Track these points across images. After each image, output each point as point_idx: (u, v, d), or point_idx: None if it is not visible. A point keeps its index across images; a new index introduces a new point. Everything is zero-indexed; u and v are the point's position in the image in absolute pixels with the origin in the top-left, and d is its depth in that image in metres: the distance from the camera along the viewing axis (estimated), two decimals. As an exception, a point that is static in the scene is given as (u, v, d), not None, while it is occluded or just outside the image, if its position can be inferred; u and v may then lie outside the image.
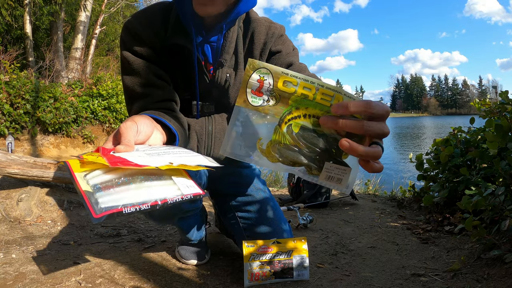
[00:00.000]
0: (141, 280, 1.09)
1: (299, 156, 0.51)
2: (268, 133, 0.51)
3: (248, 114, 0.51)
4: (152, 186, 0.49)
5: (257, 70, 0.49)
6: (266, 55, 1.02)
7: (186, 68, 1.00)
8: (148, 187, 0.49)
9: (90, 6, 8.21)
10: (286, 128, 0.51)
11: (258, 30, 1.01)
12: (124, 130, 0.60)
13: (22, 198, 1.75)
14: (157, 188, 0.49)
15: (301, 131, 0.51)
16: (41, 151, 4.58)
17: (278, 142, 0.51)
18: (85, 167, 0.50)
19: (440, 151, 2.00)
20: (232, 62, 1.02)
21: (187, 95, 1.05)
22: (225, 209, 1.26)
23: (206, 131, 1.04)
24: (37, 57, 8.14)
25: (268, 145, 0.52)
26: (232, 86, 1.05)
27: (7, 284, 1.03)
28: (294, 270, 1.11)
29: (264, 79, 0.49)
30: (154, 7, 0.98)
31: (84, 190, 0.46)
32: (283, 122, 0.51)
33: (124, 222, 1.76)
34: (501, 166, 1.28)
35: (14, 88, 4.35)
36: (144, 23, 0.95)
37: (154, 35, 0.94)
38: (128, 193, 0.47)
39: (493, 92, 23.76)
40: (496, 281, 1.04)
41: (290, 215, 1.97)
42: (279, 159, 0.52)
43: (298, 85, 0.49)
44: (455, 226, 1.62)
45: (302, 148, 0.51)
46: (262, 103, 0.51)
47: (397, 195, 2.82)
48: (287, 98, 0.50)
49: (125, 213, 0.45)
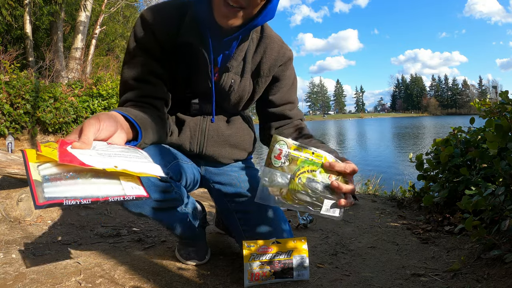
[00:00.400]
0: (141, 280, 1.09)
1: (307, 197, 0.76)
2: (286, 183, 0.77)
3: (272, 172, 0.77)
4: (98, 183, 0.54)
5: (277, 142, 0.77)
6: (273, 72, 1.11)
7: (191, 67, 1.04)
8: (94, 183, 0.54)
9: (90, 6, 8.22)
10: (298, 180, 0.75)
11: (271, 47, 1.08)
12: (86, 127, 0.63)
13: (22, 198, 1.75)
14: (102, 186, 0.55)
15: (307, 181, 0.76)
16: (41, 151, 4.58)
17: (294, 189, 0.76)
18: (40, 158, 0.54)
19: (440, 151, 2.00)
20: (239, 69, 1.08)
21: (188, 93, 1.10)
22: (224, 209, 1.25)
23: (200, 128, 1.12)
24: (37, 57, 8.14)
25: (287, 192, 0.77)
26: (235, 91, 1.09)
27: (7, 284, 1.03)
28: (294, 270, 1.11)
29: (282, 149, 0.77)
30: (172, 5, 1.02)
31: (34, 179, 0.50)
32: (295, 176, 0.76)
33: (124, 222, 1.76)
34: (501, 166, 1.28)
35: (14, 88, 4.35)
36: (161, 20, 0.99)
37: (166, 33, 0.99)
38: (74, 187, 0.52)
39: (493, 92, 23.76)
40: (496, 281, 1.04)
41: (290, 215, 1.97)
42: (294, 200, 0.77)
43: (302, 151, 0.77)
44: (455, 226, 1.62)
45: (308, 191, 0.75)
46: (281, 164, 0.77)
47: (397, 195, 2.82)
48: (296, 160, 0.77)
49: (65, 204, 0.50)
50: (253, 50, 1.08)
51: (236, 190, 1.21)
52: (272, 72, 1.11)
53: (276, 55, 1.08)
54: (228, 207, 1.23)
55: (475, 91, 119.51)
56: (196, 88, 1.08)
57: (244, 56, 1.06)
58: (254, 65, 1.09)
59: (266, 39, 1.08)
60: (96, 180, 0.54)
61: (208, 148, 1.15)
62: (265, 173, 0.77)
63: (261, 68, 1.09)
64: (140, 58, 0.99)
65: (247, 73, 1.08)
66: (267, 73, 1.10)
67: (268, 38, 1.08)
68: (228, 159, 1.21)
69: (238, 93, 1.10)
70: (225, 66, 1.05)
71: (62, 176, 0.52)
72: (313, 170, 0.76)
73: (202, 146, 1.14)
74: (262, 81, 1.11)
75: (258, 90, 1.13)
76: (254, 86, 1.12)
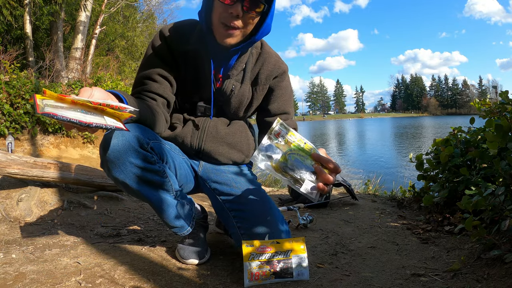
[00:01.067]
0: (141, 280, 1.10)
1: (292, 172, 0.88)
2: (278, 157, 0.89)
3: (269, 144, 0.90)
4: (86, 115, 0.74)
5: (280, 124, 0.90)
6: (270, 82, 1.28)
7: (198, 72, 1.21)
8: (83, 114, 0.74)
9: (90, 6, 8.22)
10: (288, 156, 0.88)
11: (268, 60, 1.27)
12: (81, 91, 0.81)
13: (22, 198, 1.75)
14: (89, 116, 0.75)
15: (295, 161, 0.88)
16: (41, 151, 4.58)
17: (282, 162, 0.89)
18: (44, 96, 0.72)
19: (440, 151, 2.00)
20: (239, 77, 1.25)
21: (196, 98, 1.26)
22: (220, 208, 1.27)
23: (201, 125, 1.26)
24: (37, 57, 8.14)
25: (276, 163, 0.89)
26: (235, 95, 1.25)
27: (7, 284, 1.03)
28: (294, 270, 1.11)
29: (282, 130, 0.90)
30: (187, 23, 1.23)
31: (39, 104, 0.69)
32: (286, 154, 0.89)
33: (124, 222, 1.76)
34: (501, 166, 1.28)
35: (14, 88, 4.35)
36: (175, 32, 1.20)
37: (178, 43, 1.19)
38: (66, 112, 0.72)
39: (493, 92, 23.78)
40: (496, 281, 1.04)
41: (290, 215, 1.97)
42: (282, 171, 0.89)
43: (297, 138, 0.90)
44: (455, 226, 1.62)
45: (294, 168, 0.88)
46: (278, 142, 0.90)
47: (397, 195, 2.82)
48: (291, 143, 0.90)
49: (57, 118, 0.69)
50: (253, 63, 1.26)
51: (231, 189, 1.24)
52: (269, 82, 1.27)
53: (272, 67, 1.26)
54: (224, 207, 1.24)
55: (475, 91, 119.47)
56: (201, 92, 1.24)
57: (244, 67, 1.24)
58: (253, 75, 1.26)
59: (264, 54, 1.27)
60: (85, 113, 0.74)
61: (207, 144, 1.26)
62: (264, 142, 0.90)
63: (259, 77, 1.26)
64: (152, 61, 1.19)
65: (246, 81, 1.25)
66: (264, 82, 1.27)
67: (266, 53, 1.27)
68: (226, 158, 1.29)
69: (238, 97, 1.25)
70: (226, 74, 1.23)
71: (58, 106, 0.72)
72: (302, 155, 0.89)
73: (201, 140, 1.26)
74: (259, 88, 1.27)
75: (256, 97, 1.28)
76: (253, 92, 1.28)
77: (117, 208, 1.94)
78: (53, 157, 4.46)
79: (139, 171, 1.06)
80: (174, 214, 1.17)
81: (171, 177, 1.15)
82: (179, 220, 1.20)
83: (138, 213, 1.94)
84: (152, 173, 1.08)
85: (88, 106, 0.75)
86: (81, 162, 3.63)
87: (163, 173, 1.11)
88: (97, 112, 0.76)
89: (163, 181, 1.12)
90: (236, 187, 1.25)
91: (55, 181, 1.90)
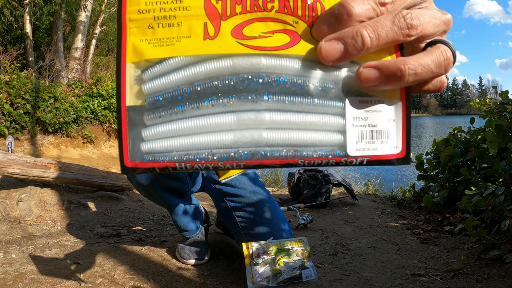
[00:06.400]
0: (141, 280, 1.09)
1: (289, 272, 1.05)
2: (270, 270, 1.06)
3: (258, 267, 1.04)
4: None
5: (252, 247, 1.05)
6: None
7: None
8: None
9: (90, 6, 8.21)
10: (278, 265, 1.07)
11: None
12: None
13: (22, 198, 1.75)
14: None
15: (285, 265, 1.07)
16: (41, 151, 4.58)
17: (278, 270, 1.03)
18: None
19: (440, 151, 2.00)
20: None
21: None
22: (224, 208, 1.27)
23: None
24: (37, 57, 8.14)
25: (272, 273, 1.03)
26: None
27: (7, 284, 1.03)
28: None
29: (259, 249, 1.06)
30: None
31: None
32: (275, 263, 1.06)
33: (124, 222, 1.76)
34: (501, 166, 1.28)
35: (14, 88, 4.35)
36: None
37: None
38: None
39: (493, 92, 23.78)
40: (496, 281, 1.04)
41: (290, 215, 1.97)
42: (279, 277, 1.03)
43: (272, 246, 1.08)
44: (455, 226, 1.62)
45: (288, 270, 1.05)
46: (262, 260, 1.05)
47: (397, 195, 2.82)
48: (271, 253, 1.06)
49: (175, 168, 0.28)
50: None
51: (236, 190, 1.24)
52: None
53: None
54: (228, 206, 1.24)
55: (475, 91, 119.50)
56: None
57: None
58: None
59: None
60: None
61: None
62: (252, 271, 1.00)
63: None
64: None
65: None
66: None
67: None
68: None
69: None
70: None
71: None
72: (285, 255, 1.01)
73: None
74: None
75: None
76: None
77: (117, 208, 1.94)
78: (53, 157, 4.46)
79: (165, 177, 1.09)
80: (188, 218, 1.23)
81: (190, 181, 1.19)
82: (191, 223, 1.25)
83: (138, 213, 1.94)
84: (175, 180, 1.13)
85: None
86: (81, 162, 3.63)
87: (185, 179, 1.15)
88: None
89: (183, 186, 1.17)
90: (240, 187, 1.26)
91: (55, 181, 1.90)
